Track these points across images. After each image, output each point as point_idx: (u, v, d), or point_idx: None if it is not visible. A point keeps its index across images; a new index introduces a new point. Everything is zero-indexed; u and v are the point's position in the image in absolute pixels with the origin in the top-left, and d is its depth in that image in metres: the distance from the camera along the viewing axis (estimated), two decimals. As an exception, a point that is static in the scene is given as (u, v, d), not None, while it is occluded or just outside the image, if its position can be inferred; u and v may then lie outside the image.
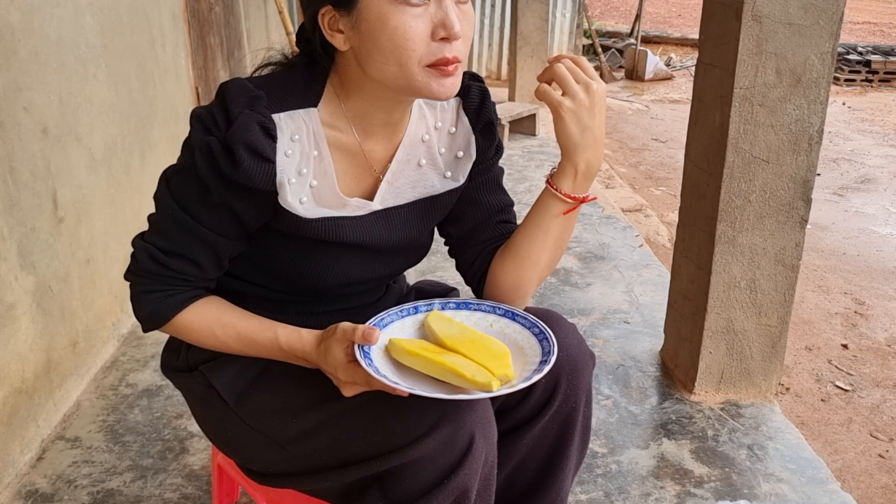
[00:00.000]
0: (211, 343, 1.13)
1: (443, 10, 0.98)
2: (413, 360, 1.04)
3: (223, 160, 1.02)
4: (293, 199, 1.06)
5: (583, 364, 1.21)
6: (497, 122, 1.25)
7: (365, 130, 1.11)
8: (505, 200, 1.28)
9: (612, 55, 9.83)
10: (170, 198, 1.08)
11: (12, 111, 1.78)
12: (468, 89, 1.20)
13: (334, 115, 1.09)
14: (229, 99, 1.03)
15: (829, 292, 3.65)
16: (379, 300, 1.31)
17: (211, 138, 1.03)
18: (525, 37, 6.14)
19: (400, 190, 1.17)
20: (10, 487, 1.74)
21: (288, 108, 1.06)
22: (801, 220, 2.01)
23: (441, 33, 0.98)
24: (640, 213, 4.46)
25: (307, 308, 1.23)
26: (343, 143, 1.11)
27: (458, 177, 1.21)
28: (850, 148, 6.56)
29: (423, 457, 1.03)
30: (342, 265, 1.16)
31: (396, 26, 0.97)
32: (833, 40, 1.85)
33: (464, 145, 1.21)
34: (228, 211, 1.07)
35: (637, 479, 1.83)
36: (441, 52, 0.99)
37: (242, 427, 1.17)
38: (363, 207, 1.13)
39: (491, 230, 1.26)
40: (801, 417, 2.63)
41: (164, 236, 1.09)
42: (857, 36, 13.53)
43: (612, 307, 2.75)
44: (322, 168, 1.09)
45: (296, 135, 1.06)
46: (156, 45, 2.77)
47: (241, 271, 1.19)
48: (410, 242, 1.22)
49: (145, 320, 1.12)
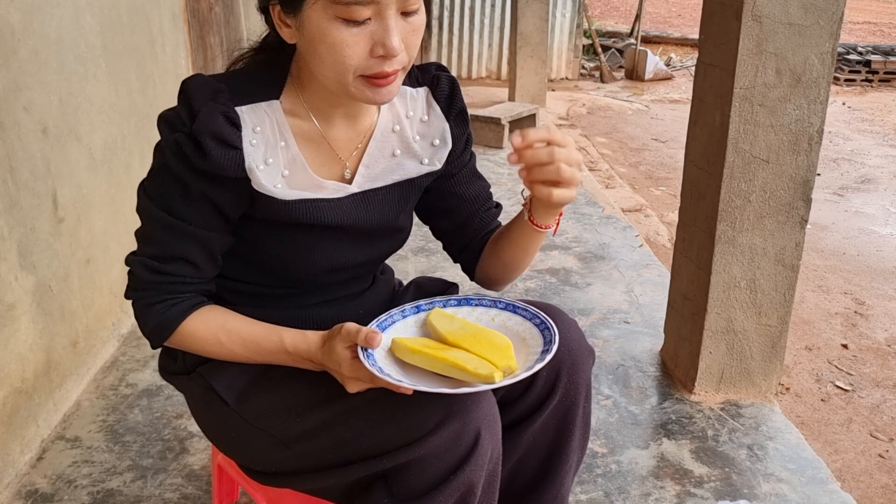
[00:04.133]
0: (217, 351, 1.14)
1: (383, 30, 0.98)
2: (416, 358, 1.05)
3: (192, 153, 1.04)
4: (267, 182, 1.08)
5: (583, 359, 1.22)
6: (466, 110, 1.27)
7: (326, 119, 1.13)
8: (484, 188, 1.34)
9: (612, 55, 9.83)
10: (151, 204, 1.09)
11: (12, 111, 1.78)
12: (437, 79, 1.23)
13: (296, 105, 1.12)
14: (191, 94, 1.05)
15: (829, 292, 3.65)
16: (367, 291, 1.32)
17: (178, 134, 1.05)
18: (525, 37, 6.14)
19: (377, 175, 1.19)
20: (10, 487, 1.74)
21: (249, 101, 1.08)
22: (801, 220, 2.01)
23: (380, 51, 0.99)
24: (640, 213, 4.46)
25: (297, 301, 1.23)
26: (307, 132, 1.13)
27: (435, 162, 1.24)
28: (850, 148, 6.56)
29: (430, 453, 1.03)
30: (324, 250, 1.17)
31: (334, 42, 0.98)
32: (833, 40, 1.85)
33: (438, 133, 1.23)
34: (210, 203, 1.08)
35: (637, 479, 1.83)
36: (379, 66, 1.00)
37: (246, 427, 1.17)
38: (341, 190, 1.15)
39: (478, 221, 1.32)
40: (801, 417, 2.63)
41: (155, 244, 1.10)
42: (857, 36, 13.53)
43: (612, 307, 2.75)
44: (290, 157, 1.11)
45: (258, 126, 1.07)
46: (156, 45, 2.77)
47: (229, 271, 1.20)
48: (389, 224, 1.23)
49: (152, 334, 1.12)
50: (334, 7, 0.96)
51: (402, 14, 1.00)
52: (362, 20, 0.97)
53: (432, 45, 8.64)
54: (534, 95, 6.28)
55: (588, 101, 7.94)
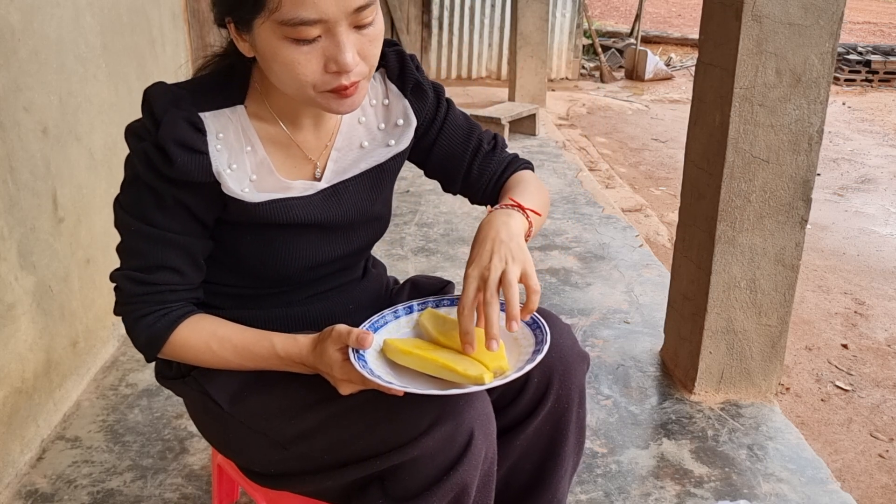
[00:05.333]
0: (209, 359, 1.13)
1: (334, 46, 0.96)
2: (407, 359, 1.05)
3: (159, 161, 1.03)
4: (235, 187, 1.07)
5: (576, 364, 1.21)
6: (423, 77, 1.24)
7: (293, 123, 1.13)
8: (472, 132, 1.30)
9: (612, 55, 9.83)
10: (127, 216, 1.09)
11: (12, 111, 1.78)
12: (384, 56, 1.19)
13: (261, 109, 1.11)
14: (153, 102, 1.05)
15: (829, 292, 3.65)
16: (357, 284, 1.31)
17: (144, 143, 1.04)
18: (525, 37, 6.14)
19: (346, 167, 1.18)
20: (10, 487, 1.74)
21: (212, 107, 1.07)
22: (801, 220, 2.01)
23: (333, 68, 0.97)
24: (640, 213, 4.46)
25: (283, 299, 1.23)
26: (274, 136, 1.12)
27: (401, 143, 1.22)
28: (850, 148, 6.56)
29: (423, 454, 1.03)
30: (302, 248, 1.16)
31: (285, 61, 0.97)
32: (833, 40, 1.85)
33: (401, 113, 1.22)
34: (185, 209, 1.08)
35: (637, 479, 1.83)
36: (336, 81, 0.98)
37: (242, 429, 1.17)
38: (310, 188, 1.14)
39: (477, 168, 1.29)
40: (801, 417, 2.63)
41: (136, 255, 1.09)
42: (857, 36, 13.53)
43: (612, 307, 2.75)
44: (257, 161, 1.10)
45: (220, 133, 1.07)
46: (156, 45, 2.77)
47: (211, 275, 1.19)
48: (364, 214, 1.22)
49: (145, 347, 1.12)
50: (282, 28, 0.94)
51: (355, 27, 0.97)
52: (312, 39, 0.95)
53: (432, 45, 8.64)
54: (534, 95, 6.28)
55: (588, 101, 7.94)
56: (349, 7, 0.94)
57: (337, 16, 0.94)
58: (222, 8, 1.01)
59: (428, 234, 3.50)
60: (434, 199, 3.98)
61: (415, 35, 8.52)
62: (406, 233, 3.50)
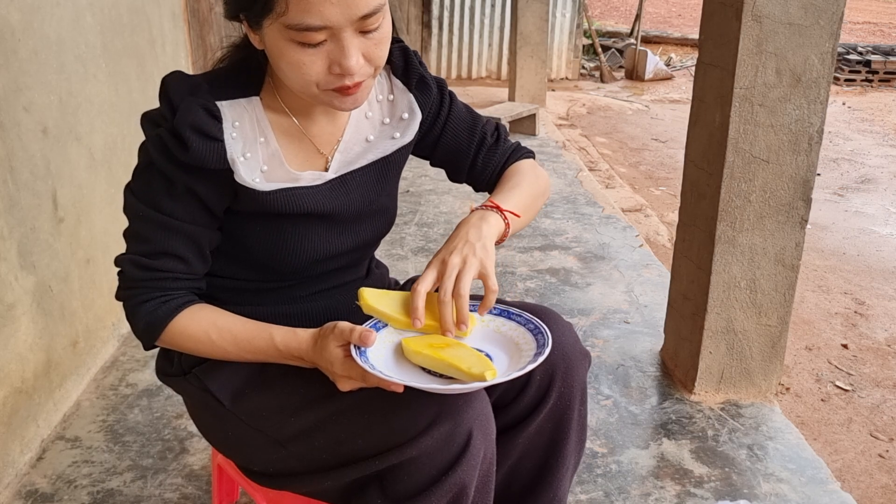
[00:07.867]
0: (208, 349, 1.13)
1: (339, 50, 0.98)
2: (415, 356, 1.06)
3: (174, 146, 1.05)
4: (246, 175, 1.09)
5: (577, 362, 1.21)
6: (426, 72, 1.26)
7: (306, 116, 1.14)
8: (475, 125, 1.32)
9: (612, 55, 9.83)
10: (137, 202, 1.10)
11: (12, 111, 1.78)
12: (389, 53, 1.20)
13: (275, 102, 1.13)
14: (171, 90, 1.07)
15: (829, 292, 3.65)
16: (358, 282, 1.31)
17: (160, 129, 1.06)
18: (525, 37, 6.14)
19: (352, 159, 1.19)
20: (10, 487, 1.74)
21: (229, 97, 1.09)
22: (801, 220, 2.01)
23: (337, 70, 0.99)
24: (640, 213, 4.45)
25: (288, 294, 1.23)
26: (287, 129, 1.14)
27: (406, 136, 1.24)
28: (850, 148, 6.56)
29: (422, 454, 1.03)
30: (310, 239, 1.17)
31: (291, 62, 0.99)
32: (833, 40, 1.85)
33: (406, 107, 1.24)
34: (195, 198, 1.09)
35: (637, 479, 1.83)
36: (340, 81, 1.01)
37: (242, 427, 1.17)
38: (318, 178, 1.15)
39: (481, 161, 1.31)
40: (801, 417, 2.63)
41: (143, 241, 1.10)
42: (857, 36, 13.53)
43: (612, 307, 2.75)
44: (269, 152, 1.12)
45: (236, 121, 1.08)
46: (156, 45, 2.77)
47: (218, 268, 1.20)
48: (371, 206, 1.23)
49: (143, 333, 1.12)
50: (288, 31, 0.96)
51: (361, 32, 0.99)
52: (317, 43, 0.97)
53: (432, 45, 8.64)
54: (534, 95, 6.28)
55: (588, 101, 7.94)
56: (354, 15, 0.96)
57: (342, 23, 0.96)
58: (235, 5, 1.02)
59: (428, 234, 3.50)
60: (434, 199, 3.98)
61: (415, 35, 8.52)
62: (406, 233, 3.50)
